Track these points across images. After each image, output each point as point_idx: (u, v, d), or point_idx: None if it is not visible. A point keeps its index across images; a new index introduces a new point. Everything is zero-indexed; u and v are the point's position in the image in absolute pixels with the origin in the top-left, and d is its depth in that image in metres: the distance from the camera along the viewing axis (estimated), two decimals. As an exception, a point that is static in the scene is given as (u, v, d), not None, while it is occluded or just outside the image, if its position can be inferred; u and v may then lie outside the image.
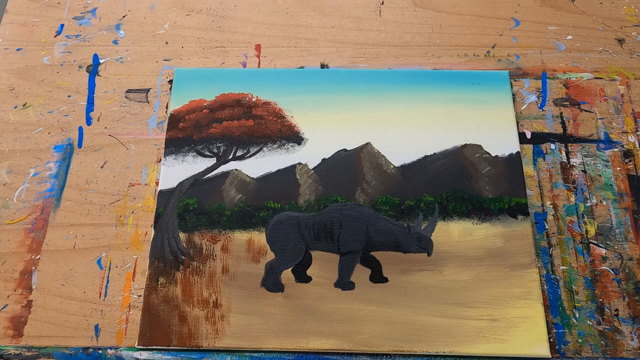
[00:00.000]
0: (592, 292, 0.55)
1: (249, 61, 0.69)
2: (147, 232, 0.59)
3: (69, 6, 0.74)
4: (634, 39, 0.69)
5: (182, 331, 0.54)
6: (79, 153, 0.63)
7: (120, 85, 0.68)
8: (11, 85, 0.68)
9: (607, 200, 0.59)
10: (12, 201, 0.61)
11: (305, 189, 0.60)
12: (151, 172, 0.62)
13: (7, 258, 0.58)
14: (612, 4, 0.72)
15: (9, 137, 0.65)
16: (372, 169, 0.61)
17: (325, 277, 0.56)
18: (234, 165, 0.62)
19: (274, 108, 0.65)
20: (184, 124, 0.64)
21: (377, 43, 0.70)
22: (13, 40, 0.71)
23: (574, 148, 0.62)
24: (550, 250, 0.57)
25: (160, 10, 0.73)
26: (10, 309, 0.56)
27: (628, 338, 0.53)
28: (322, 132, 0.63)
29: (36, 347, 0.54)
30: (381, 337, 0.53)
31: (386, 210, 0.59)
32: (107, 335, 0.54)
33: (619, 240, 0.57)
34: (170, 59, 0.69)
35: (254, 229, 0.58)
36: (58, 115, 0.66)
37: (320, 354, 0.53)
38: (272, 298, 0.55)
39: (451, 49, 0.69)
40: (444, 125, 0.63)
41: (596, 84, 0.66)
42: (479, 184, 0.60)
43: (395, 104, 0.65)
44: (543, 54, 0.68)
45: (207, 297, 0.55)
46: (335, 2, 0.74)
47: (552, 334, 0.53)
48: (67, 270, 0.57)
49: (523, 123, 0.64)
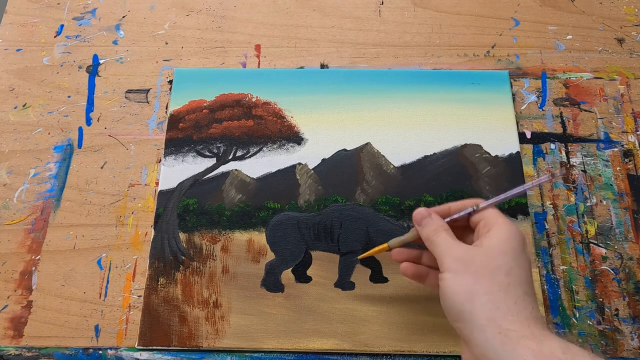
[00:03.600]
0: (592, 292, 0.55)
1: (248, 61, 0.69)
2: (147, 232, 0.59)
3: (69, 6, 0.74)
4: (634, 39, 0.69)
5: (182, 331, 0.54)
6: (78, 153, 0.63)
7: (120, 85, 0.68)
8: (11, 86, 0.68)
9: (607, 200, 0.59)
10: (12, 202, 0.61)
11: (305, 189, 0.60)
12: (151, 172, 0.62)
13: (7, 258, 0.58)
14: (612, 4, 0.72)
15: (9, 138, 0.65)
16: (372, 169, 0.61)
17: (325, 277, 0.56)
18: (234, 165, 0.62)
19: (274, 108, 0.65)
20: (183, 124, 0.64)
21: (377, 43, 0.70)
22: (13, 41, 0.71)
23: (573, 148, 0.62)
24: (550, 250, 0.57)
25: (160, 11, 0.73)
26: (11, 309, 0.56)
27: (628, 338, 0.53)
28: (322, 132, 0.63)
29: (36, 348, 0.54)
30: (381, 337, 0.53)
31: (386, 210, 0.59)
32: (107, 335, 0.54)
33: (619, 240, 0.57)
34: (170, 59, 0.69)
35: (254, 229, 0.58)
36: (58, 116, 0.66)
37: (320, 354, 0.53)
38: (272, 298, 0.55)
39: (451, 48, 0.69)
40: (444, 125, 0.63)
41: (596, 84, 0.66)
42: (479, 184, 0.60)
43: (395, 104, 0.65)
44: (543, 54, 0.68)
45: (207, 298, 0.55)
46: (335, 2, 0.74)
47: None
48: (67, 270, 0.57)
49: (523, 123, 0.64)
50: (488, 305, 0.38)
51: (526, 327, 0.37)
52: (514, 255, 0.40)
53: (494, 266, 0.40)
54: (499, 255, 0.40)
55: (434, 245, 0.44)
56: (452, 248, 0.42)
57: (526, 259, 0.41)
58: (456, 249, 0.42)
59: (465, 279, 0.40)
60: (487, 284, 0.39)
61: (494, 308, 0.38)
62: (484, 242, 0.42)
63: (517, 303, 0.38)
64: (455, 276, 0.40)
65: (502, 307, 0.38)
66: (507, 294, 0.38)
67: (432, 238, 0.44)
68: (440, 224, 0.45)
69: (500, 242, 0.41)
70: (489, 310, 0.38)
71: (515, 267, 0.40)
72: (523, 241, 0.42)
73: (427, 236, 0.45)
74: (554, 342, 0.36)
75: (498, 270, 0.39)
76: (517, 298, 0.38)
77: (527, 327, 0.37)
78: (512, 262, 0.40)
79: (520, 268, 0.40)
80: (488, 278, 0.39)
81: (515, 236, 0.41)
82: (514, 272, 0.39)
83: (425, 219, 0.45)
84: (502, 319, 0.37)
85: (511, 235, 0.41)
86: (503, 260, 0.40)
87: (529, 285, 0.40)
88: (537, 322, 0.37)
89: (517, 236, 0.42)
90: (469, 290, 0.39)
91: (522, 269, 0.40)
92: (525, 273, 0.40)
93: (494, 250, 0.41)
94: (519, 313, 0.37)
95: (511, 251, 0.40)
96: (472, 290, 0.39)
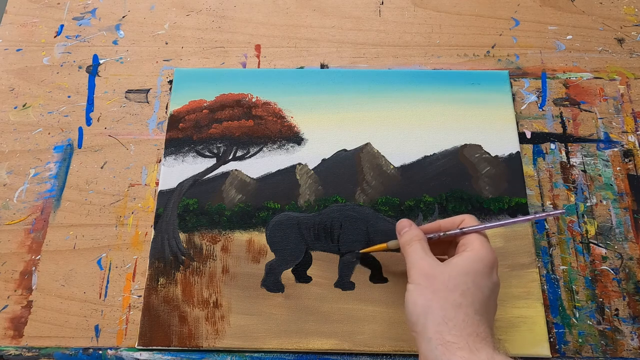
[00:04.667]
0: (592, 292, 0.55)
1: (248, 61, 0.69)
2: (147, 232, 0.59)
3: (69, 7, 0.74)
4: (634, 39, 0.69)
5: (182, 331, 0.54)
6: (79, 153, 0.63)
7: (120, 85, 0.68)
8: (11, 86, 0.68)
9: (607, 200, 0.59)
10: (12, 202, 0.61)
11: (305, 189, 0.60)
12: (151, 172, 0.62)
13: (7, 258, 0.58)
14: (612, 4, 0.72)
15: (9, 138, 0.65)
16: (372, 169, 0.61)
17: (325, 277, 0.56)
18: (234, 165, 0.62)
19: (274, 108, 0.65)
20: (183, 125, 0.64)
21: (377, 43, 0.70)
22: (13, 41, 0.71)
23: (573, 148, 0.62)
24: (550, 250, 0.57)
25: (160, 11, 0.73)
26: (11, 309, 0.56)
27: (628, 338, 0.53)
28: (322, 132, 0.63)
29: (36, 348, 0.54)
30: (381, 337, 0.53)
31: (386, 211, 0.59)
32: (107, 335, 0.54)
33: (619, 240, 0.57)
34: (170, 59, 0.69)
35: (254, 229, 0.58)
36: (58, 116, 0.66)
37: (320, 354, 0.53)
38: (272, 298, 0.55)
39: (451, 49, 0.69)
40: (444, 125, 0.63)
41: (596, 84, 0.66)
42: (478, 184, 0.60)
43: (395, 104, 0.65)
44: (543, 54, 0.68)
45: (207, 298, 0.55)
46: (335, 2, 0.74)
47: (552, 333, 0.53)
48: (67, 270, 0.57)
49: (523, 123, 0.64)
50: (438, 320, 0.42)
51: (465, 341, 0.41)
52: (475, 278, 0.44)
53: (452, 285, 0.43)
54: (460, 275, 0.44)
55: (407, 255, 0.47)
56: (421, 261, 0.46)
57: (490, 282, 0.44)
58: (424, 263, 0.45)
59: (424, 293, 0.43)
60: (442, 301, 0.42)
61: (442, 323, 0.42)
62: (453, 259, 0.45)
63: (464, 321, 0.42)
64: (417, 289, 0.44)
65: (450, 324, 0.41)
66: (457, 312, 0.42)
67: (406, 248, 0.48)
68: (415, 235, 0.48)
69: (466, 263, 0.44)
70: (438, 324, 0.42)
71: (473, 288, 0.43)
72: (491, 265, 0.45)
73: (402, 245, 0.49)
74: (484, 353, 0.40)
75: (455, 289, 0.43)
76: (465, 316, 0.42)
77: (466, 342, 0.41)
78: (470, 284, 0.43)
79: (478, 289, 0.43)
80: (444, 295, 0.43)
81: (483, 259, 0.45)
82: (469, 292, 0.43)
83: (405, 229, 0.49)
84: (447, 333, 0.41)
85: (479, 258, 0.45)
86: (462, 280, 0.43)
87: (482, 305, 0.43)
88: (479, 338, 0.41)
89: (485, 259, 0.45)
90: (426, 304, 0.43)
91: (480, 290, 0.43)
92: (482, 295, 0.43)
93: (457, 269, 0.44)
94: (463, 329, 0.41)
95: (473, 273, 0.44)
96: (429, 305, 0.43)
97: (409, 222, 0.50)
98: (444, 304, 0.42)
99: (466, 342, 0.40)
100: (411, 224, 0.50)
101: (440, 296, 0.43)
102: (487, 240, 0.47)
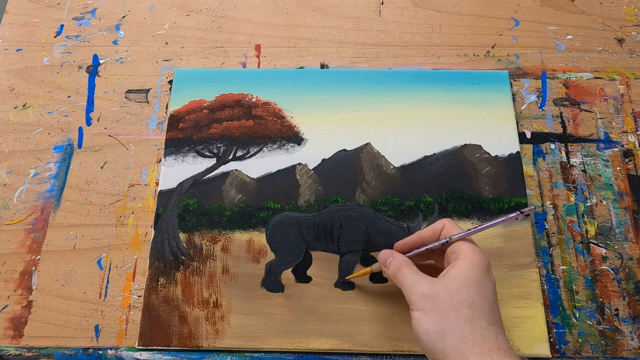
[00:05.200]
0: (592, 292, 0.55)
1: (248, 61, 0.69)
2: (147, 232, 0.59)
3: (69, 7, 0.74)
4: (634, 39, 0.69)
5: (182, 331, 0.54)
6: (79, 153, 0.63)
7: (120, 85, 0.68)
8: (11, 86, 0.68)
9: (607, 200, 0.59)
10: (12, 202, 0.61)
11: (305, 189, 0.60)
12: (151, 172, 0.62)
13: (7, 258, 0.58)
14: (612, 4, 0.72)
15: (8, 138, 0.65)
16: (372, 170, 0.61)
17: (325, 277, 0.56)
18: (234, 165, 0.62)
19: (274, 108, 0.65)
20: (183, 125, 0.64)
21: (377, 43, 0.70)
22: (13, 41, 0.71)
23: (573, 148, 0.62)
24: (550, 250, 0.57)
25: (160, 11, 0.73)
26: (11, 309, 0.56)
27: (628, 338, 0.53)
28: (322, 132, 0.63)
29: (36, 348, 0.54)
30: (381, 337, 0.53)
31: (386, 211, 0.59)
32: (107, 335, 0.54)
33: (619, 240, 0.57)
34: (170, 59, 0.69)
35: (254, 229, 0.58)
36: (58, 116, 0.66)
37: (320, 354, 0.53)
38: (272, 298, 0.55)
39: (451, 48, 0.69)
40: (443, 125, 0.63)
41: (596, 84, 0.66)
42: (478, 184, 0.60)
43: (395, 104, 0.65)
44: (543, 54, 0.68)
45: (207, 298, 0.55)
46: (335, 2, 0.74)
47: (552, 333, 0.53)
48: (67, 270, 0.57)
49: (523, 123, 0.64)
50: (456, 343, 0.41)
51: (490, 357, 0.40)
52: (476, 287, 0.43)
53: (457, 301, 0.42)
54: (462, 288, 0.43)
55: (400, 283, 0.46)
56: (417, 285, 0.44)
57: (489, 284, 0.44)
58: (420, 285, 0.44)
59: (433, 318, 0.42)
60: (453, 320, 0.42)
61: (462, 344, 0.41)
62: (449, 272, 0.44)
63: (482, 335, 0.41)
64: (424, 315, 0.43)
65: (469, 341, 0.41)
66: (472, 328, 0.41)
67: (397, 276, 0.47)
68: (401, 261, 0.47)
69: (463, 274, 0.43)
70: (457, 347, 0.41)
71: (478, 299, 0.42)
72: (487, 268, 0.44)
73: (393, 276, 0.47)
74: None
75: (461, 305, 0.42)
76: (481, 330, 0.41)
77: (490, 358, 0.40)
78: (474, 294, 0.42)
79: (482, 298, 0.43)
80: (453, 314, 0.42)
81: (477, 265, 0.44)
82: (476, 304, 0.42)
83: (389, 260, 0.48)
84: (470, 353, 0.40)
85: (474, 265, 0.44)
86: (466, 293, 0.42)
87: (492, 313, 0.43)
88: (500, 350, 0.41)
89: (480, 265, 0.44)
90: (438, 329, 0.42)
91: (484, 298, 0.43)
92: (488, 302, 0.43)
93: (457, 283, 0.43)
94: (484, 344, 0.41)
95: (474, 283, 0.43)
96: (441, 329, 0.42)
97: (390, 252, 0.49)
98: (456, 323, 0.41)
99: (491, 358, 0.40)
100: (392, 252, 0.49)
101: (449, 317, 0.42)
102: (474, 244, 0.46)
